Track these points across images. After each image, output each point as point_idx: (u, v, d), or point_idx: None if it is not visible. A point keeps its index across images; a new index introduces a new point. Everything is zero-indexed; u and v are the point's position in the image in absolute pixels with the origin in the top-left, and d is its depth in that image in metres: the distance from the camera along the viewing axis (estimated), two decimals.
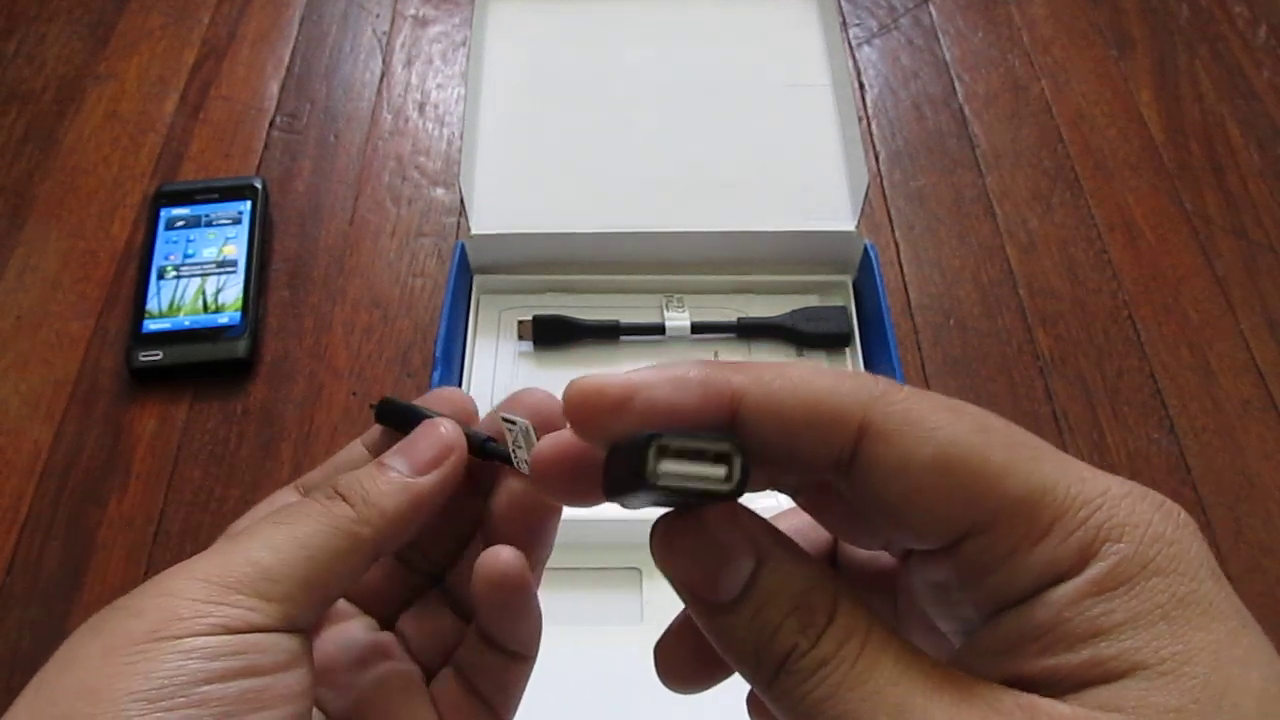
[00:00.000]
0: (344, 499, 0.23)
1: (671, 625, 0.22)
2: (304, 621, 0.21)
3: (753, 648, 0.17)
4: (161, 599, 0.20)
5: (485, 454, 0.25)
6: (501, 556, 0.23)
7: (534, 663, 0.26)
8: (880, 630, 0.17)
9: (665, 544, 0.18)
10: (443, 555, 0.27)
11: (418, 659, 0.26)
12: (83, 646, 0.20)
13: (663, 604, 0.47)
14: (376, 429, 0.27)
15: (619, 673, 0.44)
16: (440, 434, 0.24)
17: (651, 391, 0.17)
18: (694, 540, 0.18)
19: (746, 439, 0.17)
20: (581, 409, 0.18)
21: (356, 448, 0.27)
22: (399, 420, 0.26)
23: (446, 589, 0.27)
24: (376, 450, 0.26)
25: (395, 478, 0.23)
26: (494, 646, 0.25)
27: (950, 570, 0.17)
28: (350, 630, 0.26)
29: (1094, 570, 0.16)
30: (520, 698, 0.26)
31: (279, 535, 0.21)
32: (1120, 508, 0.16)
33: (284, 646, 0.21)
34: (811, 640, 0.17)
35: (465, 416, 0.26)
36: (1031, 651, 0.16)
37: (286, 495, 0.25)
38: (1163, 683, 0.15)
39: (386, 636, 0.26)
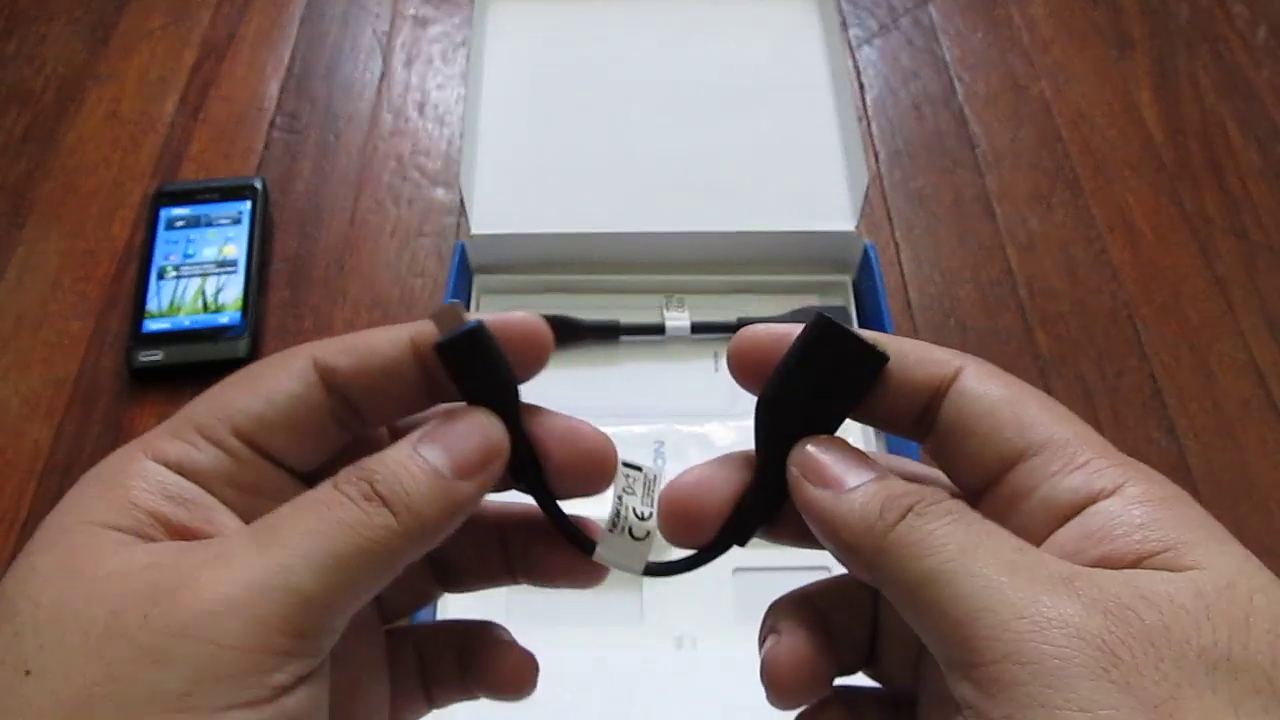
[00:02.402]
0: (385, 502, 0.20)
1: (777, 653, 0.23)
2: (330, 644, 0.19)
3: (876, 509, 0.20)
4: (193, 644, 0.17)
5: (557, 523, 0.23)
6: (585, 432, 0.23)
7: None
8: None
9: (804, 452, 0.22)
10: None
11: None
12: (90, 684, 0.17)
13: (662, 604, 0.47)
14: (431, 324, 0.22)
15: (619, 673, 0.44)
16: (487, 432, 0.21)
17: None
18: (833, 446, 0.22)
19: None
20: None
21: (402, 341, 0.22)
22: (459, 367, 0.22)
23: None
24: (422, 360, 0.22)
25: (436, 478, 0.20)
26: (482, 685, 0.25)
27: (1009, 488, 0.21)
28: None
29: (1133, 490, 0.19)
30: None
31: (317, 549, 0.19)
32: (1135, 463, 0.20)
33: (313, 703, 0.19)
34: (938, 498, 0.20)
35: (535, 357, 0.23)
36: (1087, 547, 0.19)
37: (299, 362, 0.22)
38: (1212, 555, 0.18)
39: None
